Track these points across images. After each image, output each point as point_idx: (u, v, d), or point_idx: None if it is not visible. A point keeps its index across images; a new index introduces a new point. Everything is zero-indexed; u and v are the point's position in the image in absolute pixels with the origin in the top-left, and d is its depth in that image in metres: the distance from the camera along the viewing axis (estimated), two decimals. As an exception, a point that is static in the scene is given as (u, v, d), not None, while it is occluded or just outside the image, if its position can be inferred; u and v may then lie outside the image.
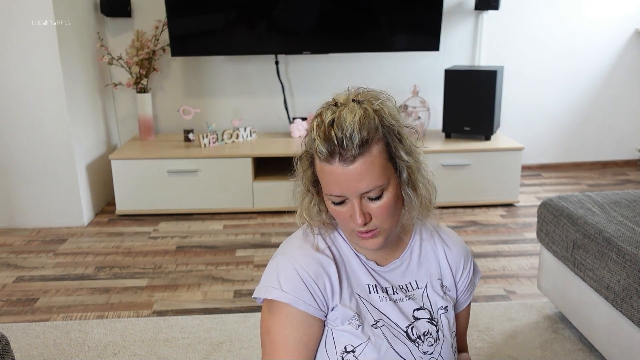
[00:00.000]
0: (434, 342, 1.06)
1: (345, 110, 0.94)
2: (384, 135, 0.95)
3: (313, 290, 1.01)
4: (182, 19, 3.30)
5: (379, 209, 0.96)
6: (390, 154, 0.97)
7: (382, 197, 0.96)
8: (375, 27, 3.43)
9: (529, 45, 3.77)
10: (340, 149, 0.91)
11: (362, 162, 0.92)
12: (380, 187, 0.95)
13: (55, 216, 3.07)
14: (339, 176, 0.93)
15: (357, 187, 0.93)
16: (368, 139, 0.92)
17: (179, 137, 3.52)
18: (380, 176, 0.94)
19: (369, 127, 0.93)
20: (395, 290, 1.07)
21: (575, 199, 1.99)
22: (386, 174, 0.96)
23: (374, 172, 0.94)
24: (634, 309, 1.55)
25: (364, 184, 0.93)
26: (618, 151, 4.05)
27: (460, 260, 1.16)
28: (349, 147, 0.91)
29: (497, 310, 2.16)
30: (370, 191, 0.95)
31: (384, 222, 0.98)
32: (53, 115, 2.93)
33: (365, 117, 0.93)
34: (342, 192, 0.95)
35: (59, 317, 2.18)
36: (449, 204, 3.27)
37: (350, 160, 0.92)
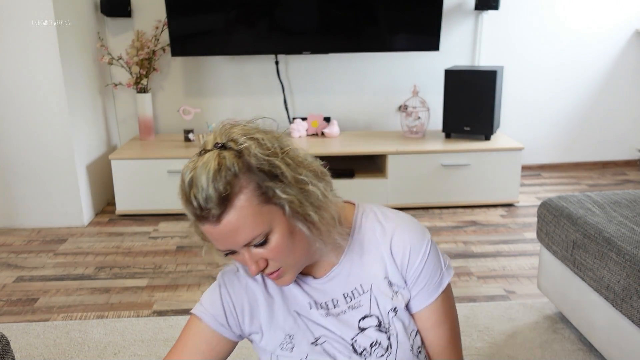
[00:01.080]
0: (385, 352, 0.98)
1: (201, 166, 0.86)
2: (251, 179, 0.86)
3: (230, 312, 1.01)
4: (182, 19, 3.30)
5: (271, 253, 0.90)
6: (265, 195, 0.88)
7: (270, 241, 0.89)
8: (375, 27, 3.43)
9: (529, 45, 3.77)
10: (201, 211, 0.85)
11: (229, 218, 0.86)
12: (260, 236, 0.88)
13: (56, 216, 3.07)
14: (214, 236, 0.88)
15: (235, 241, 0.88)
16: (227, 194, 0.85)
17: (179, 137, 3.52)
18: (257, 224, 0.87)
19: (225, 179, 0.84)
20: (336, 302, 1.00)
21: (575, 199, 1.99)
22: (264, 219, 0.88)
23: (247, 223, 0.87)
24: (633, 309, 1.55)
25: (241, 238, 0.87)
26: (618, 151, 4.05)
27: (406, 249, 0.98)
28: (209, 207, 0.84)
29: (497, 310, 2.16)
30: (250, 243, 0.89)
31: (283, 261, 0.92)
32: (53, 115, 2.93)
33: (219, 169, 0.85)
34: (225, 247, 0.90)
35: (59, 317, 2.18)
36: (448, 204, 3.28)
37: (215, 220, 0.86)
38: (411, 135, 3.49)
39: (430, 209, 3.27)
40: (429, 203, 3.27)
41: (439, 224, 3.06)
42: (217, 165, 0.85)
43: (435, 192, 3.25)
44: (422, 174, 3.22)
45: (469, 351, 1.92)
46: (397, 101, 3.71)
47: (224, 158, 0.86)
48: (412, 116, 3.49)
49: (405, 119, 3.50)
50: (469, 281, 2.42)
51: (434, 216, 3.16)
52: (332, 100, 3.71)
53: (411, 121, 3.49)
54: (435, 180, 3.23)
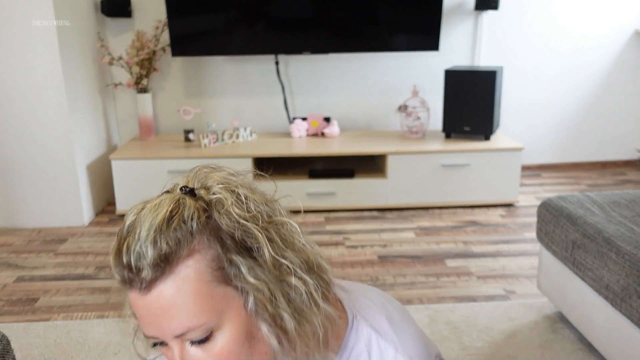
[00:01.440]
0: None
1: (150, 208, 0.64)
2: (211, 245, 0.63)
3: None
4: (183, 19, 3.30)
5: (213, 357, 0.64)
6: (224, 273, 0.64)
7: (214, 341, 0.64)
8: (375, 27, 3.43)
9: (529, 45, 3.78)
10: (129, 272, 0.62)
11: (164, 290, 0.61)
12: (199, 329, 0.63)
13: (56, 216, 3.07)
14: (141, 310, 0.64)
15: (164, 327, 0.63)
16: (170, 255, 0.61)
17: (179, 137, 3.52)
18: (202, 310, 0.62)
19: (174, 235, 0.62)
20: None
21: (574, 199, 2.00)
22: (214, 306, 0.63)
23: (188, 304, 0.62)
24: (633, 308, 1.55)
25: (173, 323, 0.62)
26: (618, 151, 4.05)
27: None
28: (141, 267, 0.61)
29: (497, 310, 2.17)
30: (184, 334, 0.63)
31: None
32: (53, 115, 2.93)
33: (170, 219, 0.62)
34: (152, 332, 0.64)
35: (60, 317, 2.18)
36: (448, 204, 3.28)
37: (144, 288, 0.62)
38: (411, 135, 3.49)
39: (430, 209, 3.27)
40: (429, 203, 3.27)
41: (439, 224, 3.06)
42: (169, 213, 0.63)
43: (435, 192, 3.25)
44: (422, 174, 3.22)
45: (468, 351, 1.92)
46: (397, 101, 3.71)
47: (182, 206, 0.64)
48: (412, 116, 3.49)
49: (405, 119, 3.51)
50: (469, 281, 2.42)
51: (434, 216, 3.16)
52: (332, 100, 3.72)
53: (411, 121, 3.50)
54: (435, 180, 3.23)
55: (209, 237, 0.64)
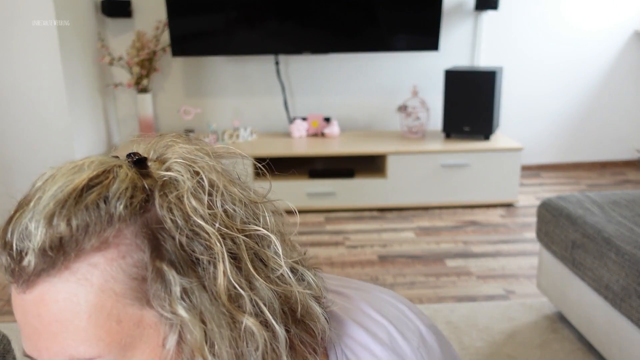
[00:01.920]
0: None
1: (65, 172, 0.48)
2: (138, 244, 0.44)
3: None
4: (183, 19, 3.30)
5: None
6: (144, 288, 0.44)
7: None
8: (375, 27, 3.43)
9: (528, 46, 3.78)
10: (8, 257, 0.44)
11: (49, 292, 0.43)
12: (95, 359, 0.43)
13: (56, 216, 3.07)
14: (18, 314, 0.46)
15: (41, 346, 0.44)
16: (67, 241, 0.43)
17: (179, 137, 3.52)
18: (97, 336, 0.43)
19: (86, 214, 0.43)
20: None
21: (574, 199, 2.00)
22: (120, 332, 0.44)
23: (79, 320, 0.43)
24: (632, 308, 1.56)
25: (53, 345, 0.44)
26: (617, 151, 4.05)
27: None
28: (24, 251, 0.43)
29: (497, 310, 2.17)
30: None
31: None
32: (54, 116, 2.94)
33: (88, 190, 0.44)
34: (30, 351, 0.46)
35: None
36: (448, 204, 3.28)
37: (24, 281, 0.44)
38: (411, 135, 3.49)
39: (430, 209, 3.27)
40: (429, 203, 3.27)
41: (439, 224, 3.06)
42: (86, 182, 0.45)
43: (435, 192, 3.25)
44: (421, 174, 3.22)
45: (468, 351, 1.92)
46: (397, 101, 3.71)
47: (112, 176, 0.45)
48: (412, 116, 3.50)
49: (405, 119, 3.51)
50: (469, 281, 2.42)
51: (433, 216, 3.17)
52: (332, 100, 3.72)
53: (411, 121, 3.50)
54: (435, 180, 3.24)
55: (138, 232, 0.44)
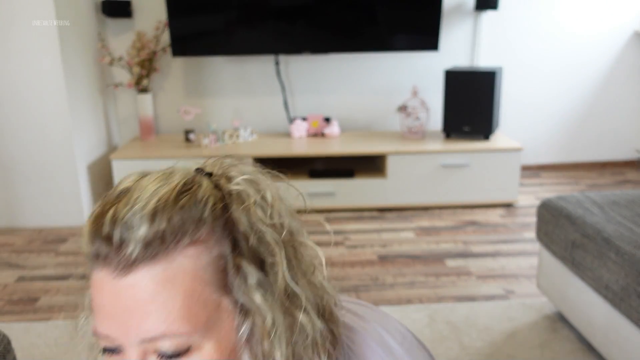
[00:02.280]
0: None
1: (154, 177, 0.55)
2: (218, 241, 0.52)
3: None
4: (183, 19, 3.31)
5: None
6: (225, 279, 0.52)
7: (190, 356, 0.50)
8: (375, 27, 3.43)
9: (528, 46, 3.78)
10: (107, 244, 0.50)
11: (147, 277, 0.49)
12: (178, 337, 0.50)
13: (57, 216, 3.08)
14: (105, 299, 0.51)
15: (133, 324, 0.50)
16: (168, 235, 0.50)
17: (179, 138, 3.53)
18: (188, 315, 0.50)
19: (182, 214, 0.50)
20: None
21: (574, 199, 2.00)
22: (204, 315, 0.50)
23: (174, 302, 0.49)
24: (632, 308, 1.56)
25: (147, 323, 0.49)
26: (617, 151, 4.05)
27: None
28: (126, 241, 0.49)
29: (497, 310, 2.17)
30: (155, 340, 0.49)
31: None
32: (54, 116, 2.94)
33: (182, 194, 0.52)
34: (109, 332, 0.51)
35: (60, 317, 2.19)
36: (448, 204, 3.28)
37: (122, 268, 0.50)
38: (411, 135, 3.50)
39: (430, 209, 3.27)
40: (429, 203, 3.27)
41: (439, 224, 3.07)
42: (180, 187, 0.53)
43: (435, 192, 3.26)
44: (421, 174, 3.22)
45: (468, 351, 1.93)
46: (397, 101, 3.71)
47: (197, 185, 0.54)
48: (412, 116, 3.50)
49: (405, 119, 3.51)
50: (469, 281, 2.43)
51: (433, 216, 3.17)
52: (332, 100, 3.72)
53: (411, 121, 3.50)
54: (434, 180, 3.24)
55: (221, 232, 0.52)
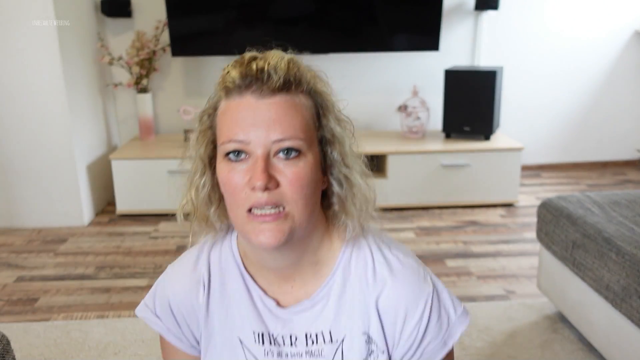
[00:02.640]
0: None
1: (273, 51, 0.80)
2: (312, 94, 0.78)
3: (183, 326, 0.86)
4: (183, 19, 3.30)
5: (292, 174, 0.72)
6: (316, 117, 0.78)
7: (298, 160, 0.73)
8: (375, 27, 3.43)
9: (528, 46, 3.78)
10: (258, 80, 0.73)
11: (284, 100, 0.73)
12: (298, 141, 0.73)
13: (56, 216, 3.07)
14: (247, 112, 0.73)
15: (268, 129, 0.72)
16: (294, 81, 0.75)
17: (179, 137, 3.52)
18: (302, 128, 0.74)
19: (298, 71, 0.77)
20: (294, 340, 0.81)
21: (574, 199, 2.00)
22: (308, 133, 0.75)
23: (295, 118, 0.73)
24: (633, 308, 1.55)
25: (278, 128, 0.72)
26: (618, 151, 4.05)
27: (397, 310, 0.79)
28: (272, 77, 0.73)
29: (497, 310, 2.17)
30: (284, 141, 0.72)
31: (294, 198, 0.72)
32: (53, 115, 2.93)
33: (295, 60, 0.78)
34: (246, 136, 0.72)
35: (60, 317, 2.18)
36: (448, 204, 3.28)
37: (268, 93, 0.73)
38: (411, 135, 3.49)
39: (430, 209, 3.27)
40: (429, 203, 3.27)
41: (439, 224, 3.06)
42: (296, 61, 0.78)
43: (435, 192, 3.25)
44: (422, 174, 3.22)
45: (468, 351, 1.92)
46: (397, 101, 3.71)
47: (301, 62, 0.79)
48: (412, 116, 3.49)
49: (405, 119, 3.51)
50: (469, 281, 2.42)
51: (434, 216, 3.16)
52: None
53: (411, 121, 3.50)
54: (435, 180, 3.23)
55: (312, 91, 0.78)
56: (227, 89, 0.75)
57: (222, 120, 0.76)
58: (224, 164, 0.75)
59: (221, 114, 0.76)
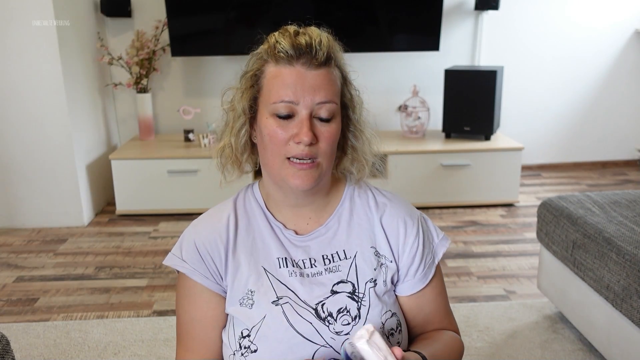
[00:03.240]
0: (352, 321, 0.92)
1: (312, 29, 0.93)
2: (340, 67, 0.95)
3: (208, 263, 0.95)
4: (182, 19, 3.30)
5: (327, 133, 0.91)
6: (343, 85, 0.96)
7: (332, 122, 0.92)
8: (375, 27, 3.43)
9: (529, 45, 3.77)
10: (307, 53, 0.89)
11: (326, 72, 0.91)
12: (335, 105, 0.91)
13: (56, 216, 3.07)
14: (296, 79, 0.89)
15: (314, 94, 0.89)
16: (333, 56, 0.92)
17: (179, 137, 3.52)
18: (336, 95, 0.92)
19: (334, 49, 0.93)
20: (313, 262, 0.96)
21: (575, 199, 1.99)
22: (339, 99, 0.94)
23: (333, 87, 0.91)
24: (633, 308, 1.55)
25: (322, 93, 0.89)
26: (618, 151, 4.05)
27: (399, 224, 1.00)
28: (318, 52, 0.89)
29: (497, 310, 2.16)
30: (325, 104, 0.90)
31: (326, 152, 0.92)
32: (53, 115, 2.93)
33: (331, 40, 0.94)
34: (296, 98, 0.89)
35: (59, 317, 2.18)
36: (449, 204, 3.28)
37: (315, 65, 0.89)
38: (411, 135, 3.49)
39: (430, 209, 3.27)
40: (429, 203, 3.27)
41: (439, 224, 3.06)
42: (328, 35, 0.93)
43: (435, 192, 3.25)
44: (422, 174, 3.22)
45: (468, 351, 1.92)
46: (397, 101, 3.71)
47: (331, 38, 0.93)
48: (412, 116, 3.49)
49: (405, 119, 3.50)
50: (469, 281, 2.42)
51: (434, 216, 3.16)
52: (332, 100, 3.71)
53: (411, 121, 3.50)
54: (435, 180, 3.23)
55: (340, 64, 0.95)
56: (277, 57, 0.90)
57: (271, 82, 0.91)
58: (272, 120, 0.90)
59: (271, 77, 0.91)
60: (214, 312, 0.97)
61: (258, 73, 0.93)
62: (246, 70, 0.96)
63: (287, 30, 0.92)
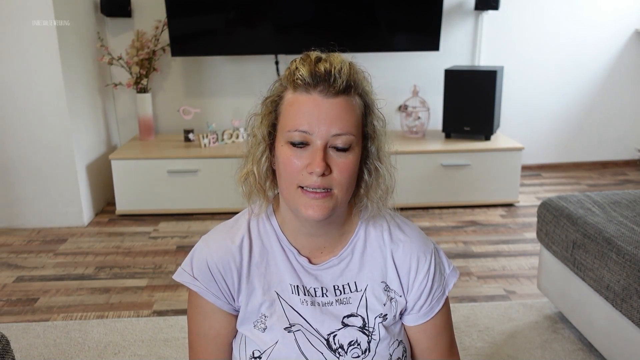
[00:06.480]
0: (362, 354, 0.94)
1: (335, 55, 0.92)
2: (362, 99, 0.92)
3: (220, 284, 0.95)
4: (182, 19, 3.30)
5: (343, 164, 0.88)
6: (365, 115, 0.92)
7: (348, 153, 0.88)
8: (375, 27, 3.43)
9: (529, 45, 3.77)
10: (325, 81, 0.86)
11: (344, 101, 0.87)
12: (351, 137, 0.88)
13: (56, 216, 3.07)
14: (313, 108, 0.86)
15: (330, 125, 0.86)
16: (353, 84, 0.89)
17: (179, 137, 3.52)
18: (355, 126, 0.89)
19: (356, 76, 0.90)
20: (325, 292, 0.97)
21: (575, 199, 1.99)
22: (358, 130, 0.90)
23: (351, 117, 0.88)
24: (633, 308, 1.55)
25: (338, 124, 0.86)
26: (618, 151, 4.05)
27: (411, 261, 0.99)
28: (337, 80, 0.86)
29: (497, 310, 2.16)
30: (341, 136, 0.86)
31: (341, 183, 0.88)
32: (53, 115, 2.93)
33: (354, 67, 0.91)
34: (310, 128, 0.86)
35: (59, 317, 2.18)
36: (449, 204, 3.28)
37: (332, 94, 0.86)
38: (411, 135, 3.49)
39: (430, 209, 3.27)
40: (429, 203, 3.27)
41: (439, 224, 3.06)
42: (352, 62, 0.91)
43: (435, 192, 3.25)
44: (422, 174, 3.22)
45: (468, 351, 1.92)
46: (397, 101, 3.71)
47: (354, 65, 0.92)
48: (412, 116, 3.49)
49: (405, 119, 3.50)
50: (469, 281, 2.42)
51: (434, 216, 3.16)
52: (332, 100, 3.71)
53: (411, 121, 3.50)
54: (435, 180, 3.23)
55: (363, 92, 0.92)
56: (295, 84, 0.89)
57: (288, 110, 0.89)
58: (286, 148, 0.89)
59: (288, 104, 0.90)
60: (226, 330, 0.99)
61: (277, 99, 0.93)
62: (267, 95, 0.95)
63: (308, 57, 0.91)
